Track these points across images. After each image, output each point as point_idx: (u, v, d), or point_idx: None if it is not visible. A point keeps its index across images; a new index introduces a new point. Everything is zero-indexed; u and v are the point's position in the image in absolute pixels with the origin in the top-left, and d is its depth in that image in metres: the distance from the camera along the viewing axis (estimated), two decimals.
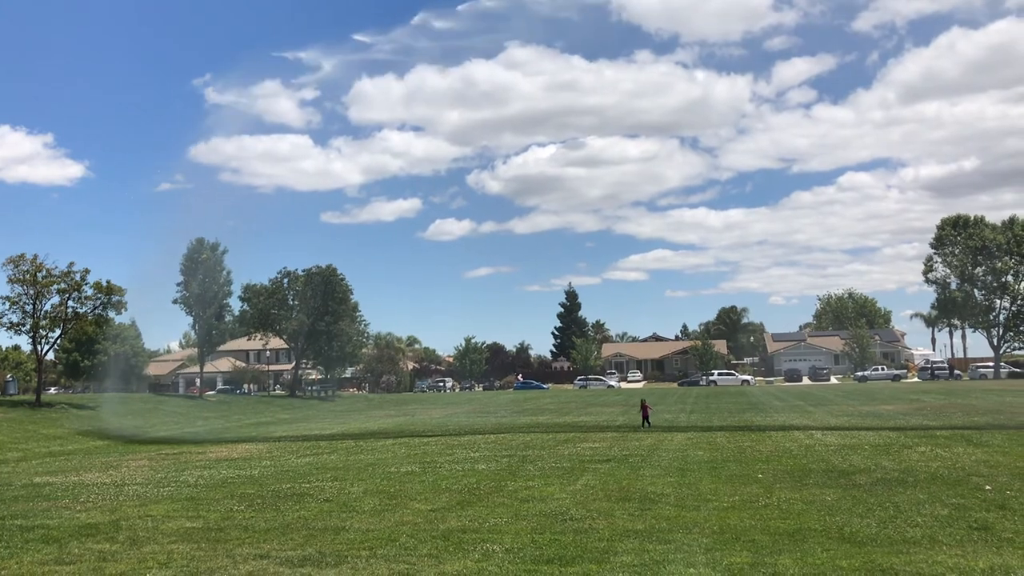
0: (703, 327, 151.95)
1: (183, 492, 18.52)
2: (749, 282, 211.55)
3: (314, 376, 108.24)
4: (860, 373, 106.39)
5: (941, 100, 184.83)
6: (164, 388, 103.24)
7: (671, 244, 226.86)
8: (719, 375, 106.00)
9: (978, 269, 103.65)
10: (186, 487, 19.45)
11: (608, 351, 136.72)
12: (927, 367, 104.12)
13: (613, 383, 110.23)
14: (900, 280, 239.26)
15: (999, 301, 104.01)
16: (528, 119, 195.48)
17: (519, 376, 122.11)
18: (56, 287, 56.49)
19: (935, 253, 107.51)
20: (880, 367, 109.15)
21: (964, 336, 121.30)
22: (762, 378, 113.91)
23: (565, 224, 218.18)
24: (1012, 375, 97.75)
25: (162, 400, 74.35)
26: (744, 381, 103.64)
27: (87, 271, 57.29)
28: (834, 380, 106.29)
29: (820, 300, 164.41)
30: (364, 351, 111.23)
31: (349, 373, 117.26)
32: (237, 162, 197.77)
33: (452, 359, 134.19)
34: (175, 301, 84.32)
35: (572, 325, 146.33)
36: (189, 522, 14.35)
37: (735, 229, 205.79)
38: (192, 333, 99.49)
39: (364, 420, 50.87)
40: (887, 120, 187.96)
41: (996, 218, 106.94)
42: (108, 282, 58.61)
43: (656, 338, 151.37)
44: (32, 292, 55.59)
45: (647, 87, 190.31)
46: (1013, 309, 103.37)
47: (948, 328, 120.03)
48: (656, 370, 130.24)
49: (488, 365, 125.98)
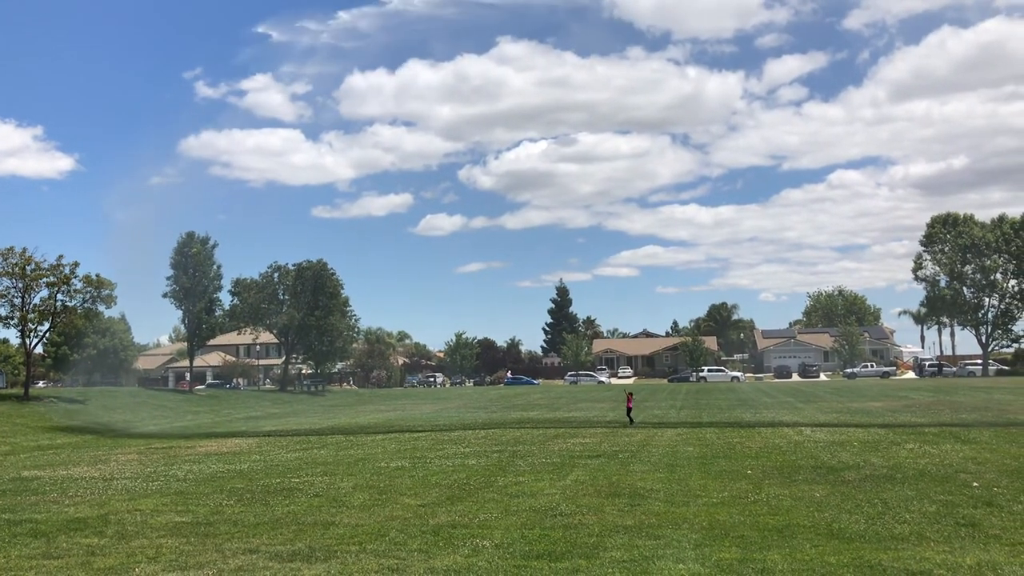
0: (693, 324, 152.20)
1: (172, 486, 18.47)
2: (739, 279, 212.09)
3: (304, 371, 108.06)
4: (849, 370, 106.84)
5: (931, 99, 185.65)
6: (153, 382, 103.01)
7: (662, 240, 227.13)
8: (709, 371, 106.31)
9: (967, 267, 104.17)
10: (175, 481, 19.40)
11: (599, 347, 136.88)
12: (930, 364, 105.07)
13: (603, 379, 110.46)
14: (890, 278, 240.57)
15: (988, 299, 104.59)
16: (520, 115, 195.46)
17: (509, 372, 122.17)
18: (45, 280, 56.29)
19: (925, 251, 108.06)
20: (869, 364, 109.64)
21: (953, 334, 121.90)
22: (752, 375, 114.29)
23: (556, 220, 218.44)
24: (1000, 372, 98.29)
25: (151, 394, 74.13)
26: (734, 377, 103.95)
27: (76, 264, 57.12)
28: (823, 377, 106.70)
29: (810, 297, 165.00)
30: (354, 346, 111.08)
31: (339, 368, 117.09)
32: (228, 156, 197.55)
33: (443, 354, 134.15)
34: (165, 295, 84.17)
35: (563, 321, 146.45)
36: (178, 516, 14.31)
37: (726, 226, 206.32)
38: (182, 327, 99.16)
39: (354, 415, 50.83)
40: (877, 118, 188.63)
41: (985, 216, 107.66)
42: (98, 275, 58.46)
43: (646, 334, 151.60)
44: (21, 285, 55.37)
45: (639, 84, 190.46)
46: (1001, 307, 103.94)
47: (937, 326, 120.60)
48: (646, 366, 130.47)
49: (479, 360, 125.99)
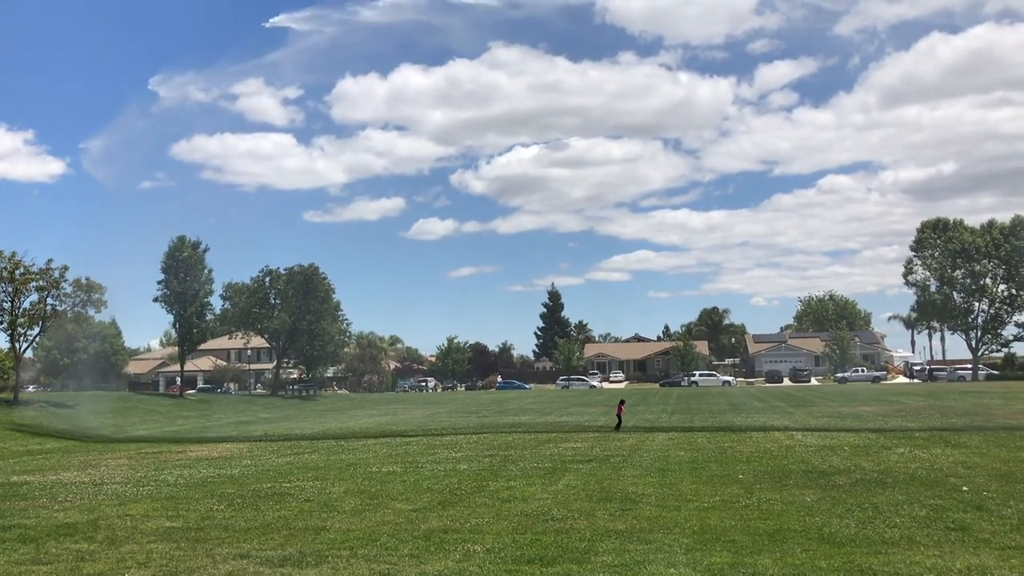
0: (685, 328, 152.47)
1: (163, 491, 18.41)
2: (731, 283, 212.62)
3: (296, 375, 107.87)
4: (840, 374, 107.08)
5: (921, 104, 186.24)
6: (144, 387, 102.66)
7: (654, 245, 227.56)
8: (700, 376, 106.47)
9: (957, 272, 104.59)
10: (166, 486, 19.33)
11: (590, 351, 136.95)
12: (919, 369, 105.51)
13: (595, 383, 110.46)
14: (880, 282, 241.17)
15: (977, 304, 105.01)
16: (512, 119, 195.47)
17: (500, 376, 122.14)
18: (34, 284, 56.09)
19: (915, 256, 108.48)
20: (860, 369, 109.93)
21: (943, 338, 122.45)
22: (743, 379, 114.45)
23: (548, 224, 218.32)
24: (990, 377, 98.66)
25: (142, 399, 73.92)
26: (725, 382, 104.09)
27: (66, 268, 56.98)
28: (815, 381, 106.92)
29: (801, 302, 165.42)
30: (346, 350, 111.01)
31: (331, 372, 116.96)
32: (220, 160, 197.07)
33: (434, 359, 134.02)
34: (156, 299, 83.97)
35: (555, 325, 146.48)
36: (168, 521, 14.26)
37: (717, 231, 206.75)
38: (173, 331, 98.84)
39: (345, 419, 50.74)
40: (868, 123, 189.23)
41: (975, 221, 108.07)
42: (88, 279, 58.28)
43: (638, 339, 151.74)
44: (10, 289, 55.15)
45: (631, 89, 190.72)
46: (991, 312, 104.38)
47: (927, 330, 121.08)
48: (638, 371, 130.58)
49: (471, 365, 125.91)
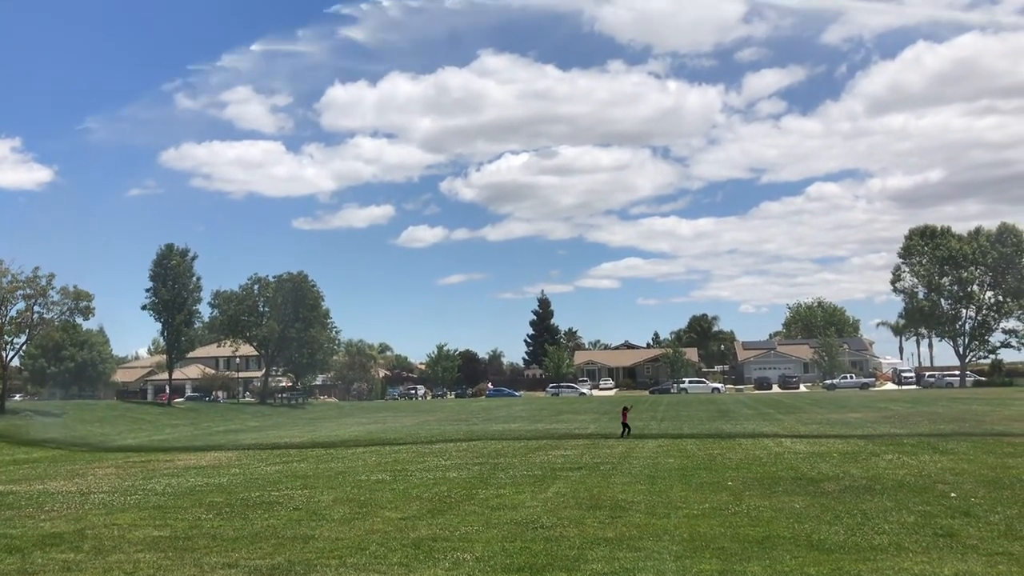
0: (674, 335, 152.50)
1: (150, 500, 18.31)
2: (720, 290, 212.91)
3: (284, 383, 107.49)
4: (829, 381, 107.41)
5: (907, 112, 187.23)
6: (132, 395, 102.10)
7: (643, 252, 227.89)
8: (690, 383, 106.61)
9: (944, 279, 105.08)
10: (153, 495, 19.22)
11: (580, 359, 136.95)
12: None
13: (585, 391, 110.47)
14: (868, 289, 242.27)
15: (965, 310, 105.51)
16: (501, 127, 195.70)
17: (490, 384, 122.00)
18: (21, 293, 55.81)
19: (903, 263, 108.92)
20: (849, 375, 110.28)
21: (931, 345, 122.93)
22: (732, 386, 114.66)
23: (538, 232, 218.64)
24: (977, 383, 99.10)
25: (129, 407, 73.56)
26: (715, 389, 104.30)
27: (52, 276, 56.71)
28: (803, 388, 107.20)
29: (790, 309, 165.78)
30: (335, 358, 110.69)
31: (320, 380, 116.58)
32: (208, 168, 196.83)
33: (424, 366, 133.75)
34: (144, 307, 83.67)
35: (545, 333, 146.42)
36: (156, 531, 14.18)
37: (706, 238, 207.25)
38: (161, 339, 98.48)
39: (335, 428, 50.59)
40: (855, 131, 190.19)
41: (962, 229, 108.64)
42: (75, 287, 58.03)
43: (628, 346, 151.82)
44: None
45: (620, 97, 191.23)
46: (978, 319, 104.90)
47: (915, 337, 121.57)
48: (628, 378, 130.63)
49: (460, 372, 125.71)
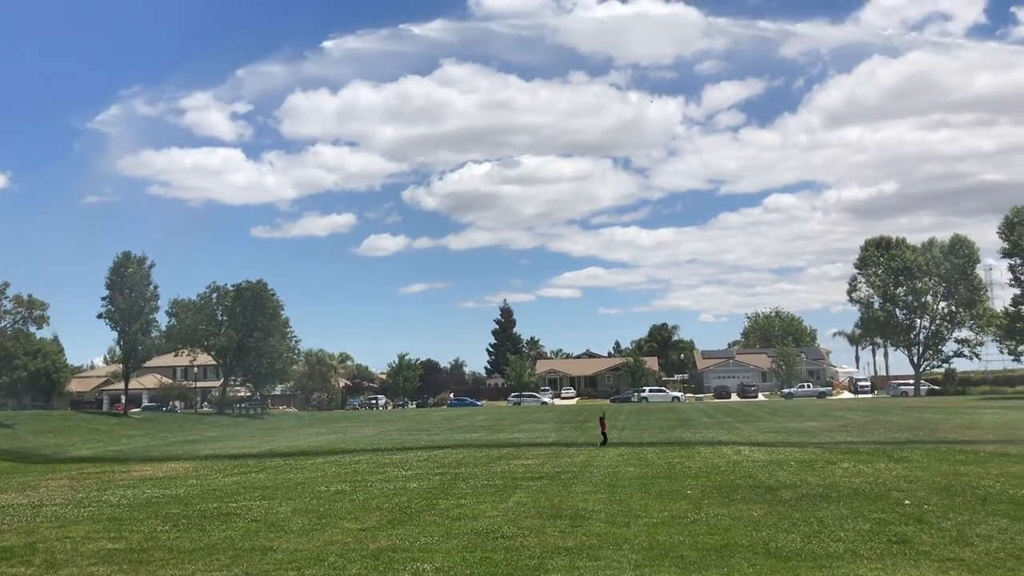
0: (635, 344, 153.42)
1: (105, 512, 18.00)
2: (680, 300, 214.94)
3: (243, 393, 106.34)
4: (787, 390, 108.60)
5: (863, 125, 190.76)
6: (87, 405, 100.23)
7: (604, 262, 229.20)
8: (650, 392, 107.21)
9: (899, 289, 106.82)
10: (108, 507, 18.90)
11: (542, 368, 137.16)
12: (862, 384, 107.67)
13: (547, 400, 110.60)
14: (825, 299, 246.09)
15: (919, 320, 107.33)
16: (464, 136, 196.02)
17: (452, 394, 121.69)
18: None
19: (859, 273, 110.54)
20: (806, 384, 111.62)
21: (886, 354, 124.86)
22: (692, 395, 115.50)
23: (500, 241, 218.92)
24: (931, 392, 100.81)
25: (84, 417, 72.24)
26: (675, 398, 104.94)
27: (7, 284, 55.64)
28: (762, 397, 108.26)
29: (748, 318, 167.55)
30: (295, 368, 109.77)
31: (279, 390, 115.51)
32: (166, 175, 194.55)
33: (385, 376, 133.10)
34: (100, 316, 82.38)
35: (507, 342, 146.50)
36: (111, 543, 13.95)
37: (666, 248, 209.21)
38: (117, 348, 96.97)
39: (294, 438, 50.12)
40: (811, 144, 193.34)
41: (916, 240, 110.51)
42: (30, 296, 56.96)
43: (589, 355, 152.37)
44: None
45: (581, 108, 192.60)
46: (932, 328, 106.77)
47: (871, 346, 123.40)
48: (589, 387, 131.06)
49: (422, 382, 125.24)
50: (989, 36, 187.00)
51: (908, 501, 15.98)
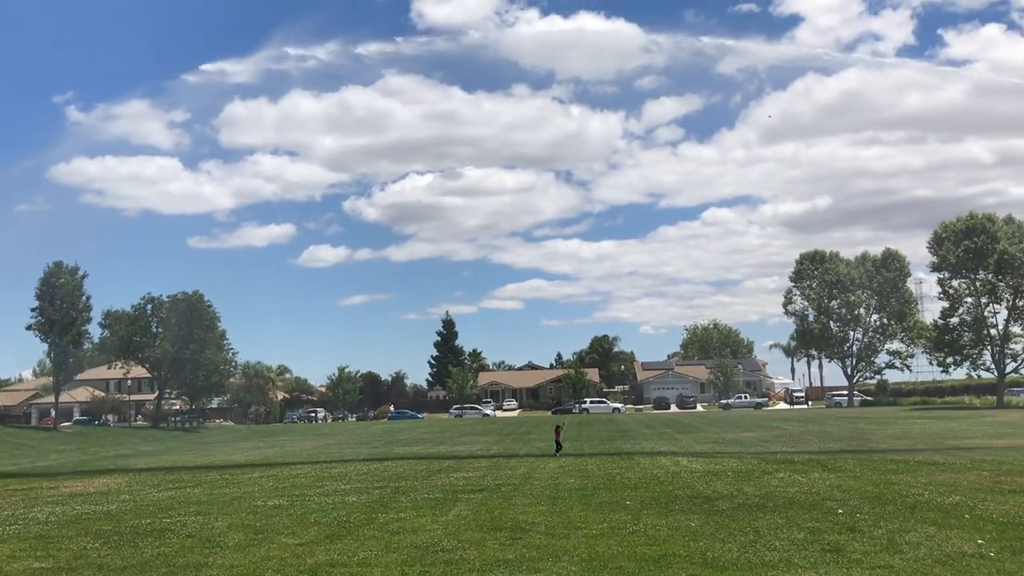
0: (577, 356, 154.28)
1: (32, 530, 17.46)
2: (620, 312, 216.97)
3: (178, 406, 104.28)
4: (724, 401, 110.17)
5: (798, 141, 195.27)
6: (14, 419, 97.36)
7: (546, 274, 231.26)
8: (591, 403, 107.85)
9: (833, 302, 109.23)
10: (35, 524, 18.34)
11: (484, 380, 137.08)
12: (797, 394, 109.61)
13: (489, 412, 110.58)
14: (762, 312, 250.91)
15: (852, 332, 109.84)
16: (406, 147, 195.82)
17: (392, 406, 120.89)
18: None
19: (794, 286, 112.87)
20: (743, 395, 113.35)
21: (821, 366, 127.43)
22: (632, 406, 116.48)
23: (442, 252, 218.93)
24: (864, 403, 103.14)
25: (12, 432, 70.15)
26: (615, 409, 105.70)
27: None
28: (700, 408, 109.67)
29: (687, 330, 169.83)
30: (232, 380, 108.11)
31: (216, 403, 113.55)
32: (101, 184, 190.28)
33: (325, 389, 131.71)
34: (29, 327, 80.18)
35: (449, 354, 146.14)
36: (37, 562, 13.54)
37: (607, 260, 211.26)
38: (47, 361, 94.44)
39: (230, 452, 49.28)
40: (748, 159, 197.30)
41: (849, 254, 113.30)
42: None
43: (531, 367, 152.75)
44: None
45: (524, 120, 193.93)
46: (865, 340, 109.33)
47: (806, 358, 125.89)
48: (531, 398, 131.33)
49: (362, 395, 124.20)
50: (918, 56, 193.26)
51: (841, 510, 16.29)
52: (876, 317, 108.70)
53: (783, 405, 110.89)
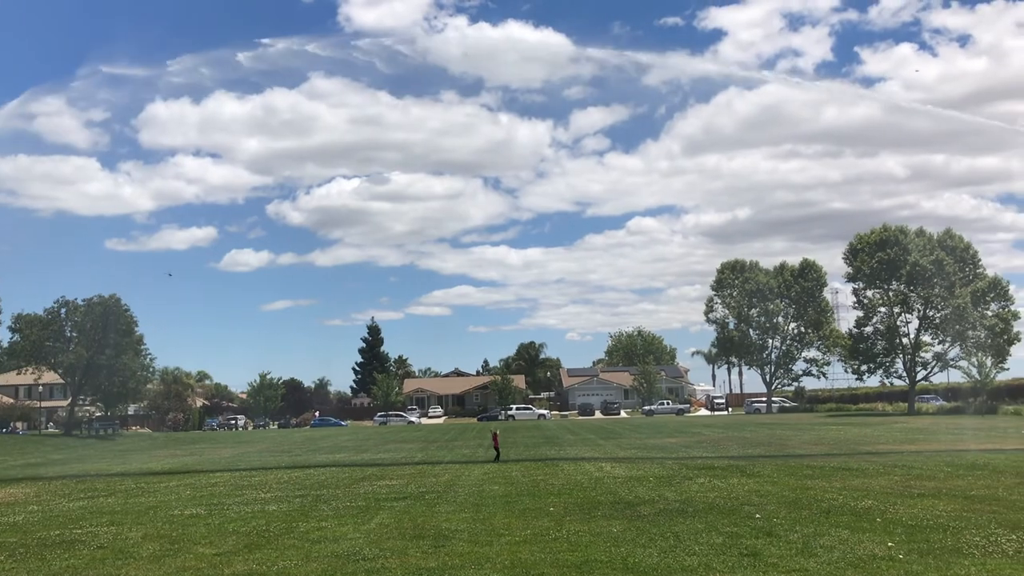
0: (503, 362, 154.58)
1: None
2: (547, 319, 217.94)
3: (93, 413, 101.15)
4: (647, 407, 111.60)
5: (720, 153, 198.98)
6: None
7: (473, 280, 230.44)
8: (517, 410, 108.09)
9: (753, 311, 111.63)
10: None
11: (410, 387, 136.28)
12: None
13: (414, 419, 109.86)
14: (684, 319, 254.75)
15: (771, 340, 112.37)
16: (332, 151, 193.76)
17: (316, 413, 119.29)
18: None
19: (715, 295, 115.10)
20: (666, 401, 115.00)
21: (741, 373, 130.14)
22: (558, 412, 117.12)
23: (368, 258, 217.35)
24: (782, 409, 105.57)
25: None
26: (540, 415, 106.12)
27: None
28: (624, 414, 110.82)
29: (612, 337, 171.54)
30: (149, 387, 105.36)
31: (132, 410, 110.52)
32: (13, 183, 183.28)
33: (246, 396, 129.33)
34: None
35: (374, 360, 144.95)
36: None
37: (534, 267, 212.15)
38: None
39: (147, 460, 47.96)
40: (672, 170, 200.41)
41: (768, 264, 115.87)
42: None
43: (458, 373, 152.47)
44: None
45: (453, 127, 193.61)
46: (783, 348, 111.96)
47: (727, 365, 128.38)
48: (457, 405, 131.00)
49: (284, 402, 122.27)
50: (836, 73, 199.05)
51: (759, 515, 16.62)
52: (794, 325, 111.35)
53: (704, 411, 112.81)
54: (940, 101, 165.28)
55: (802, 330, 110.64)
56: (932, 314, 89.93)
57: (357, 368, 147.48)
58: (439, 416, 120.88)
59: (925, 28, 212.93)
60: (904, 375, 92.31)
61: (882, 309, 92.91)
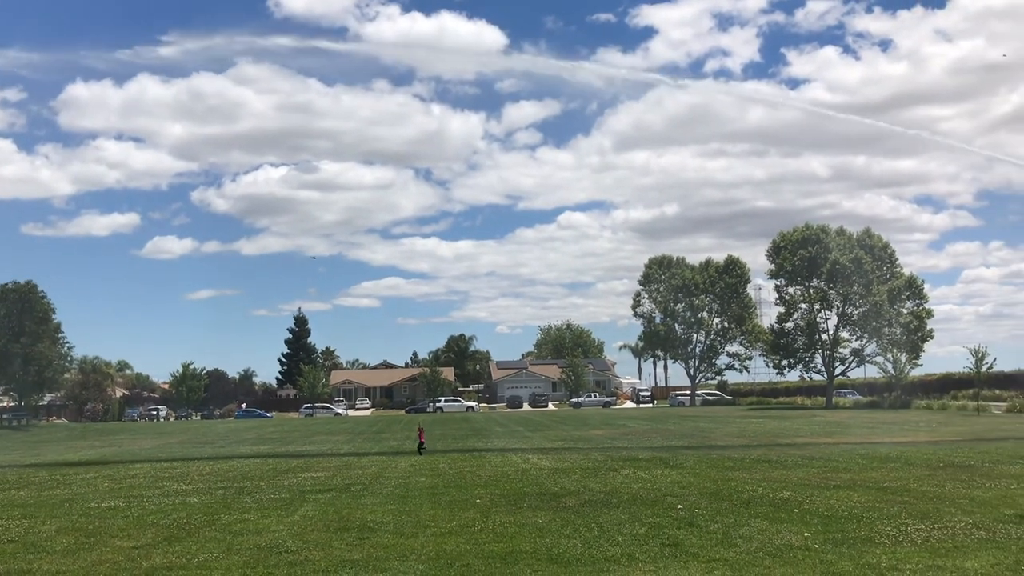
0: (432, 355, 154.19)
1: None
2: (477, 311, 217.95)
3: (6, 403, 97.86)
4: (575, 400, 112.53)
5: (649, 150, 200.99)
6: None
7: (403, 272, 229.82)
8: (446, 402, 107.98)
9: (679, 306, 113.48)
10: None
11: (337, 378, 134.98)
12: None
13: (341, 411, 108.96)
14: (612, 313, 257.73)
15: (696, 335, 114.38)
16: (259, 138, 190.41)
17: (241, 404, 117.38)
18: None
19: (642, 289, 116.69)
20: (593, 394, 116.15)
21: (666, 366, 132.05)
22: (486, 404, 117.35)
23: (296, 247, 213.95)
24: (706, 402, 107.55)
25: None
26: (469, 407, 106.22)
27: None
28: (552, 406, 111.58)
29: (541, 330, 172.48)
30: (66, 376, 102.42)
31: (48, 400, 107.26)
32: None
33: (168, 386, 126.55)
34: None
35: (300, 351, 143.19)
36: None
37: (465, 260, 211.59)
38: None
39: (63, 451, 46.62)
40: (602, 165, 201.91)
41: (694, 260, 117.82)
42: None
43: (386, 365, 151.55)
44: None
45: (384, 116, 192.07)
46: (707, 343, 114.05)
47: (653, 358, 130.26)
48: (385, 397, 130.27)
49: (207, 393, 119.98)
50: (762, 74, 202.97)
51: (681, 505, 16.92)
52: (718, 320, 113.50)
53: (630, 404, 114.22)
54: (862, 103, 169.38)
55: (726, 325, 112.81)
56: (850, 311, 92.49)
57: (283, 359, 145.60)
58: (367, 408, 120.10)
59: (849, 32, 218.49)
60: (823, 370, 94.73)
61: (803, 306, 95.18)
